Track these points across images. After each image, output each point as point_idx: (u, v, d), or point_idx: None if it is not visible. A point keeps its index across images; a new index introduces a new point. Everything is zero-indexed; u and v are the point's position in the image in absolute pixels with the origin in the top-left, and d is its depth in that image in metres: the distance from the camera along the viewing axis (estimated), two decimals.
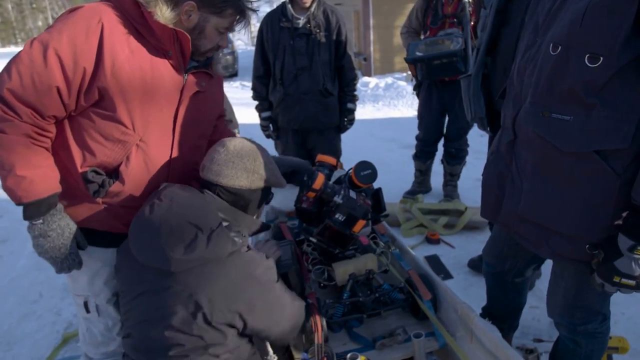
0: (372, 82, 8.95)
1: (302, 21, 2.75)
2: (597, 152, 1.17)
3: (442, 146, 3.60)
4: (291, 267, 1.58)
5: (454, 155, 3.53)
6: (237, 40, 19.07)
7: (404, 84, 8.45)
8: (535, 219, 1.33)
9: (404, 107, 7.74)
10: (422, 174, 3.73)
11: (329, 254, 1.75)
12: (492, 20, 1.95)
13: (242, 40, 21.27)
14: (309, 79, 2.79)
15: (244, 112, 4.16)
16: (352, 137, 3.83)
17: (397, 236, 2.06)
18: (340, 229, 1.57)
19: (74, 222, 1.29)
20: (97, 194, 1.26)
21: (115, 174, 1.28)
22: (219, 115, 1.60)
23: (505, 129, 1.45)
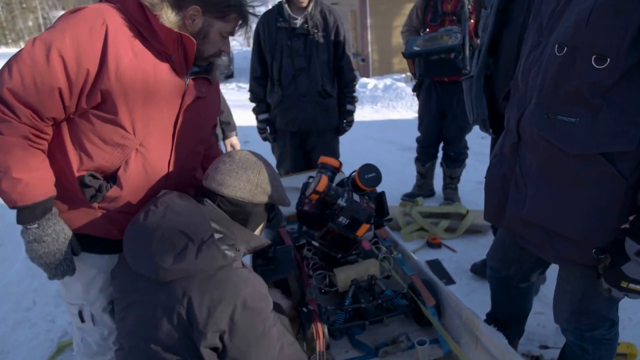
0: (371, 83, 8.94)
1: (299, 21, 2.71)
2: (603, 155, 1.15)
3: (441, 149, 3.57)
4: (291, 273, 1.56)
5: (453, 158, 3.50)
6: (232, 41, 19.01)
7: (403, 85, 8.43)
8: (540, 222, 1.31)
9: (403, 109, 7.70)
10: (422, 176, 3.69)
11: (330, 259, 1.73)
12: (493, 20, 1.94)
13: (238, 41, 21.22)
14: (308, 80, 2.76)
15: (241, 114, 4.14)
16: (351, 139, 3.79)
17: (399, 241, 2.03)
18: (343, 233, 1.55)
19: (68, 228, 1.26)
20: (94, 198, 1.24)
21: (112, 178, 1.26)
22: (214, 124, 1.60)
23: (509, 131, 1.44)
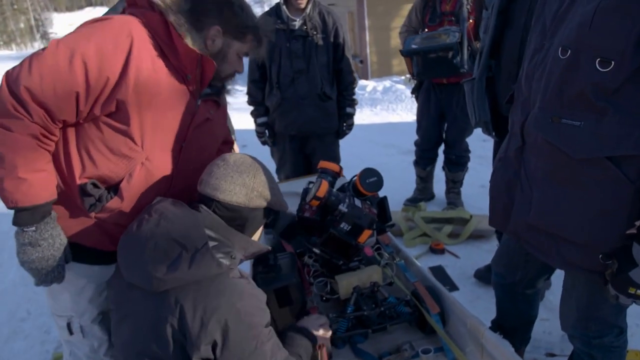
0: (370, 85, 8.89)
1: (298, 23, 2.68)
2: (609, 159, 1.14)
3: (442, 153, 3.53)
4: (292, 280, 1.53)
5: (455, 162, 3.46)
6: None
7: (402, 87, 8.38)
8: (545, 227, 1.29)
9: (403, 112, 7.65)
10: (423, 180, 3.65)
11: (331, 266, 1.70)
12: (494, 21, 1.93)
13: None
14: (307, 83, 2.73)
15: (238, 118, 4.12)
16: (350, 142, 3.76)
17: (401, 247, 2.00)
18: (345, 239, 1.52)
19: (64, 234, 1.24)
20: (93, 207, 1.22)
21: (114, 189, 1.24)
22: (225, 140, 1.61)
23: (513, 134, 1.42)
